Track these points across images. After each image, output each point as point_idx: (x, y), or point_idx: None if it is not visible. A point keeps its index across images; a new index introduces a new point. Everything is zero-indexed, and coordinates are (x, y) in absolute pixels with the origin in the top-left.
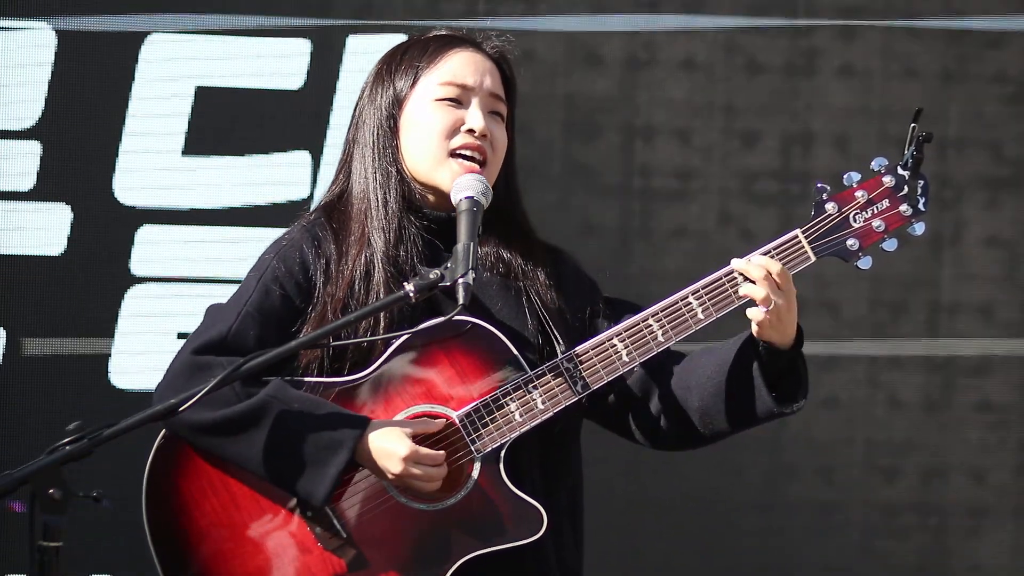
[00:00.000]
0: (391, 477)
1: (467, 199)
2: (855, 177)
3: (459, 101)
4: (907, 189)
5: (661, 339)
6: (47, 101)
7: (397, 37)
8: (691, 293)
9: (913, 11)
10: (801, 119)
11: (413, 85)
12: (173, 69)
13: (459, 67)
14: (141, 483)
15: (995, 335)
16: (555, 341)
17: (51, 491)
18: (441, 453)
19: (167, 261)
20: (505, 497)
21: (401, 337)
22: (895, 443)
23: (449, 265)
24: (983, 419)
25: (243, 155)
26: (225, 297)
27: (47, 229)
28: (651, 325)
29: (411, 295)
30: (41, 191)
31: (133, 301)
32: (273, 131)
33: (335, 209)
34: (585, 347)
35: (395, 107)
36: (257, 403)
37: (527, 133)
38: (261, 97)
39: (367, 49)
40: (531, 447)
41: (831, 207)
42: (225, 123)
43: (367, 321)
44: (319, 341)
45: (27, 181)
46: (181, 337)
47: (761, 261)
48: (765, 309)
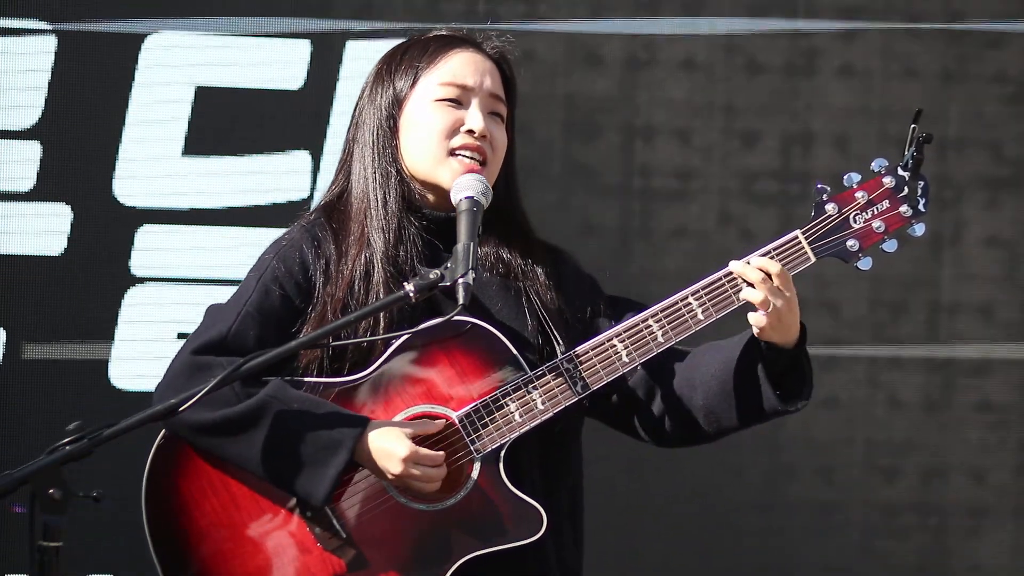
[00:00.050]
0: (391, 477)
1: (467, 199)
2: (855, 178)
3: (459, 102)
4: (907, 190)
5: (661, 340)
6: (47, 101)
7: (397, 37)
8: (691, 294)
9: (913, 12)
10: (801, 119)
11: (413, 85)
12: (173, 69)
13: (459, 67)
14: (141, 483)
15: (995, 335)
16: (555, 341)
17: (51, 491)
18: (441, 454)
19: (167, 261)
20: (505, 497)
21: (401, 337)
22: (895, 443)
23: (449, 265)
24: (983, 419)
25: (243, 155)
26: (225, 297)
27: (47, 229)
28: (651, 326)
29: (411, 295)
30: (41, 191)
31: (133, 301)
32: (273, 131)
33: (335, 209)
34: (585, 347)
35: (395, 107)
36: (257, 403)
37: (527, 133)
38: (261, 97)
39: (367, 49)
40: (531, 447)
41: (831, 208)
42: (225, 123)
43: (367, 321)
44: (319, 341)
45: (27, 181)
46: (181, 337)
47: (760, 263)
48: (764, 312)
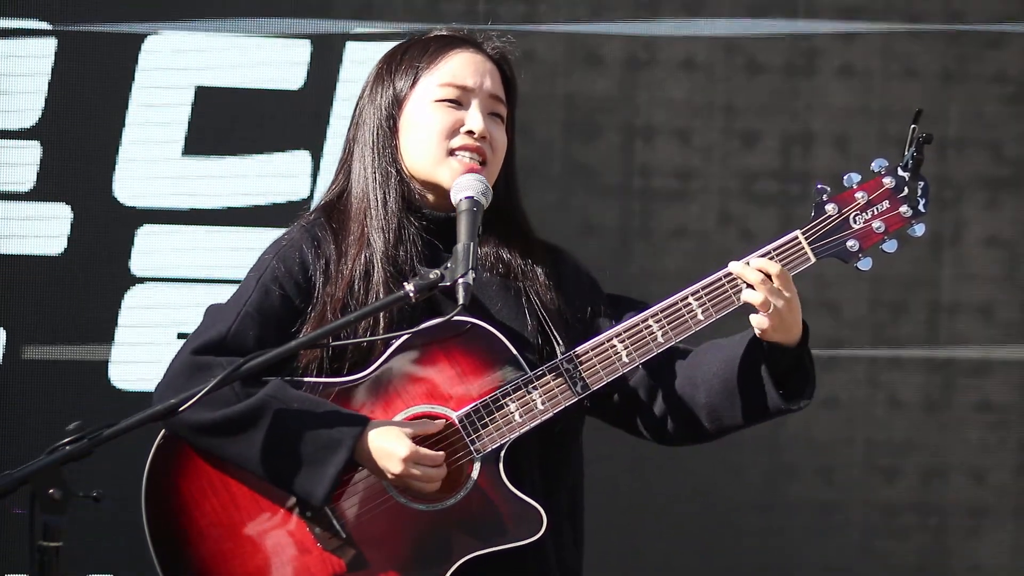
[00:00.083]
0: (391, 477)
1: (467, 199)
2: (855, 178)
3: (459, 102)
4: (907, 190)
5: (661, 340)
6: (47, 101)
7: (397, 38)
8: (691, 294)
9: (913, 12)
10: (801, 119)
11: (413, 85)
12: (173, 70)
13: (459, 68)
14: (141, 483)
15: (995, 336)
16: (555, 342)
17: (51, 491)
18: (441, 454)
19: (167, 261)
20: (505, 497)
21: (401, 337)
22: (895, 443)
23: (449, 265)
24: (983, 419)
25: (243, 155)
26: (225, 297)
27: (47, 229)
28: (651, 326)
29: (411, 295)
30: (41, 191)
31: (133, 301)
32: (273, 131)
33: (335, 209)
34: (585, 348)
35: (395, 107)
36: (256, 403)
37: (527, 133)
38: (261, 97)
39: (367, 50)
40: (531, 447)
41: (831, 208)
42: (225, 123)
43: (367, 321)
44: (319, 341)
45: (27, 181)
46: (181, 337)
47: (759, 263)
48: (765, 314)
